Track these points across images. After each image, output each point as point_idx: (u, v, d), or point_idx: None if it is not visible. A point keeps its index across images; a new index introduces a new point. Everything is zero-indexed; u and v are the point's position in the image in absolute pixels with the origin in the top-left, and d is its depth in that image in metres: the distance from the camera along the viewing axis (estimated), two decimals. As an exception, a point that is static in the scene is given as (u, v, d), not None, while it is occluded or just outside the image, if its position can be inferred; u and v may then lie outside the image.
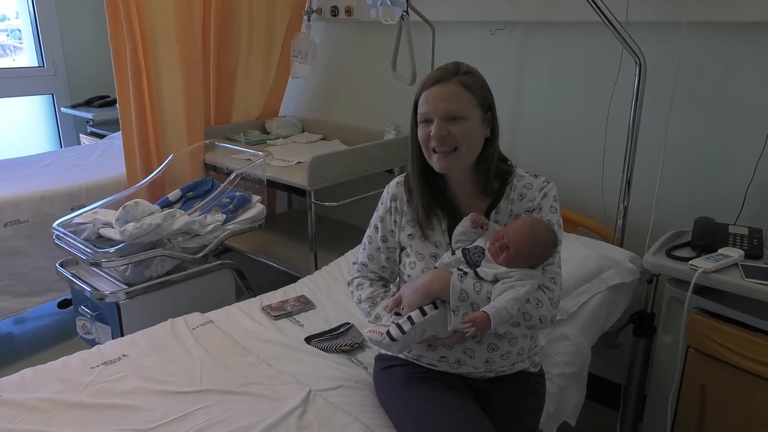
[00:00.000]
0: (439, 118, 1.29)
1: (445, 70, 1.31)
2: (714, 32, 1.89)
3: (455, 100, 1.28)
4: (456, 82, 1.29)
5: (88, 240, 2.13)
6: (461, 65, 1.33)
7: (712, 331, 1.57)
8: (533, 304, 1.28)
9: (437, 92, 1.29)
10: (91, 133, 3.79)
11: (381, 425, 1.32)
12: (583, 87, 2.21)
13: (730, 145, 1.93)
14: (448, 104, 1.28)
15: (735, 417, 1.58)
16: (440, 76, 1.30)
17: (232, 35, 2.84)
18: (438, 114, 1.29)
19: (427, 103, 1.31)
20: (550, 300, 1.30)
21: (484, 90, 1.33)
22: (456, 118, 1.29)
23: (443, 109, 1.29)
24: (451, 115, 1.28)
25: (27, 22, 3.77)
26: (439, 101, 1.29)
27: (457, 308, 1.26)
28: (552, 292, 1.32)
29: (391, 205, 1.46)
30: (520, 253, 1.27)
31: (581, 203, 2.28)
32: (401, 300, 1.34)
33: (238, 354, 1.57)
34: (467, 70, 1.32)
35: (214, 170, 2.77)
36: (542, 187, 1.38)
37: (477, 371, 1.36)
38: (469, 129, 1.30)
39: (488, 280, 1.28)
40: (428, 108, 1.30)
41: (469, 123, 1.30)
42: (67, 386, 1.42)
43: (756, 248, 1.64)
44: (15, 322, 2.86)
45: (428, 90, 1.31)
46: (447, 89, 1.29)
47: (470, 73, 1.32)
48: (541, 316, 1.28)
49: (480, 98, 1.31)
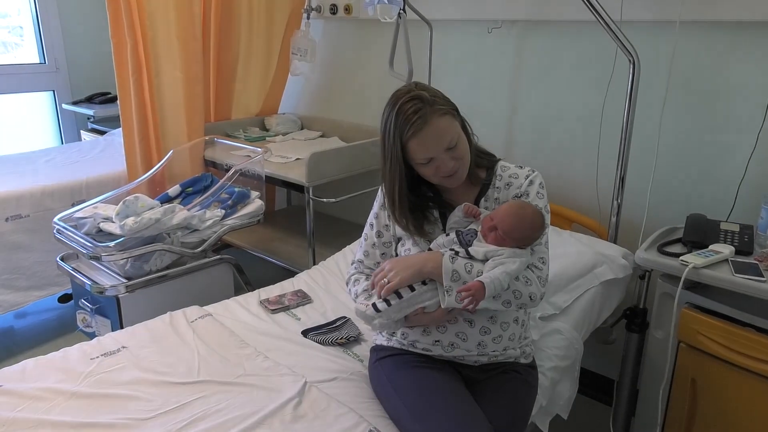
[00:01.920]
0: (441, 155, 1.33)
1: (418, 109, 1.29)
2: (707, 31, 1.91)
3: (444, 132, 1.32)
4: (433, 115, 1.30)
5: (89, 234, 2.16)
6: (418, 94, 1.31)
7: (703, 326, 1.60)
8: (523, 282, 1.32)
9: (426, 135, 1.30)
10: (91, 129, 3.82)
11: (375, 416, 1.35)
12: (578, 85, 2.24)
13: (723, 143, 1.95)
14: (442, 140, 1.31)
15: (725, 410, 1.61)
16: (417, 120, 1.29)
17: (232, 32, 2.86)
18: (439, 153, 1.32)
19: (423, 149, 1.32)
20: (538, 278, 1.35)
21: (447, 101, 1.35)
22: (451, 147, 1.33)
23: (442, 147, 1.32)
24: (449, 146, 1.33)
25: (28, 19, 3.79)
26: (434, 142, 1.31)
27: (450, 288, 1.30)
28: (540, 271, 1.37)
29: (384, 201, 1.49)
30: (509, 233, 1.32)
31: (576, 200, 2.30)
32: (385, 273, 1.36)
33: (235, 346, 1.60)
34: (428, 96, 1.31)
35: (213, 166, 2.80)
36: (528, 175, 1.44)
37: (470, 355, 1.39)
38: (462, 143, 1.35)
39: (479, 258, 1.33)
40: (429, 153, 1.32)
41: (460, 139, 1.35)
42: (67, 376, 1.44)
43: (746, 244, 1.66)
44: (16, 316, 2.89)
45: (416, 137, 1.30)
46: (432, 128, 1.30)
47: (432, 97, 1.31)
48: (531, 293, 1.33)
49: (451, 112, 1.34)
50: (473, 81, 2.53)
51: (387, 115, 1.34)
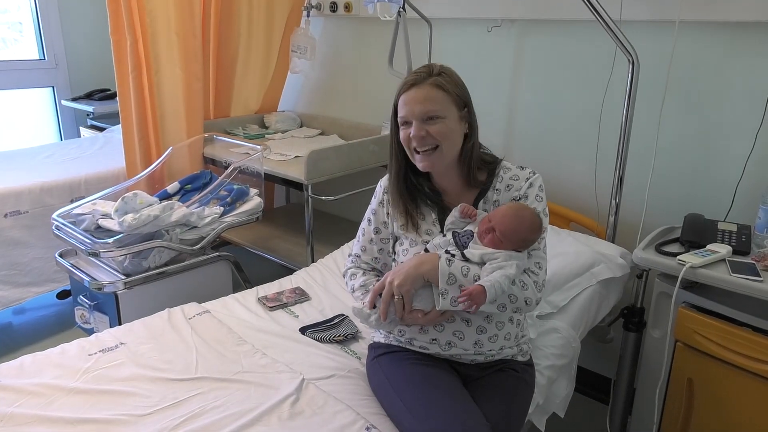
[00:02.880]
0: (416, 120, 1.35)
1: (419, 74, 1.36)
2: (706, 31, 1.92)
3: (430, 101, 1.34)
4: (430, 84, 1.34)
5: (87, 231, 2.16)
6: (434, 66, 1.37)
7: (700, 325, 1.60)
8: (519, 287, 1.32)
9: (412, 95, 1.35)
10: (91, 126, 3.82)
11: (372, 413, 1.35)
12: (577, 85, 2.24)
13: (721, 143, 1.95)
14: (423, 105, 1.34)
15: (721, 409, 1.61)
16: (414, 79, 1.36)
17: (232, 30, 2.86)
18: (415, 116, 1.35)
19: (404, 107, 1.36)
20: (534, 283, 1.35)
21: (458, 88, 1.37)
22: (433, 118, 1.34)
23: (420, 111, 1.34)
24: (428, 116, 1.34)
25: (28, 15, 3.79)
26: (415, 103, 1.34)
27: (445, 291, 1.30)
28: (537, 276, 1.37)
29: (383, 197, 1.51)
30: (506, 235, 1.32)
31: (574, 199, 2.30)
32: (384, 287, 1.36)
33: (233, 343, 1.60)
34: (440, 71, 1.37)
35: (212, 163, 2.79)
36: (528, 177, 1.44)
37: (467, 353, 1.39)
38: (447, 127, 1.35)
39: (475, 261, 1.33)
40: (406, 111, 1.36)
41: (446, 121, 1.35)
42: (65, 372, 1.45)
43: (744, 244, 1.67)
44: (14, 312, 2.89)
45: (404, 94, 1.36)
46: (422, 92, 1.34)
47: (443, 74, 1.37)
48: (527, 298, 1.33)
49: (455, 96, 1.36)
50: (472, 80, 2.49)
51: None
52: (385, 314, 1.35)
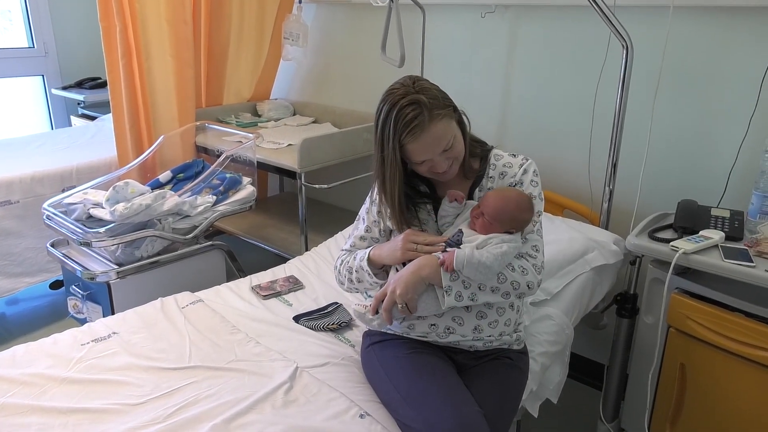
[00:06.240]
0: (437, 156, 1.33)
1: (417, 114, 1.26)
2: (700, 16, 1.91)
3: (442, 137, 1.31)
4: (432, 120, 1.28)
5: (79, 220, 2.15)
6: (419, 99, 1.27)
7: (692, 311, 1.61)
8: (519, 273, 1.33)
9: (424, 141, 1.29)
10: (82, 114, 3.78)
11: (366, 400, 1.35)
12: (571, 70, 2.23)
13: (715, 129, 1.95)
14: (439, 144, 1.31)
15: (713, 395, 1.62)
16: (417, 125, 1.27)
17: (223, 16, 2.83)
18: (436, 155, 1.32)
19: (421, 153, 1.31)
20: (533, 266, 1.36)
21: (442, 99, 1.32)
22: (447, 149, 1.33)
23: (437, 150, 1.32)
24: (445, 149, 1.32)
25: (17, 2, 3.73)
26: (431, 147, 1.31)
27: (449, 288, 1.31)
28: (535, 259, 1.37)
29: (378, 197, 1.48)
30: (494, 217, 1.33)
31: (568, 186, 2.30)
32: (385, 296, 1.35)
33: (226, 332, 1.60)
34: (426, 98, 1.27)
35: (204, 152, 2.78)
36: (522, 164, 1.44)
37: (465, 339, 1.39)
38: (458, 142, 1.35)
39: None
40: (426, 156, 1.32)
41: (455, 139, 1.34)
42: (57, 362, 1.44)
43: (736, 230, 1.67)
44: (7, 302, 2.88)
45: (414, 143, 1.29)
46: (430, 133, 1.29)
47: (423, 90, 1.29)
48: (528, 282, 1.34)
49: (448, 111, 1.32)
50: (466, 66, 2.52)
51: (385, 115, 1.30)
52: (390, 321, 1.36)
